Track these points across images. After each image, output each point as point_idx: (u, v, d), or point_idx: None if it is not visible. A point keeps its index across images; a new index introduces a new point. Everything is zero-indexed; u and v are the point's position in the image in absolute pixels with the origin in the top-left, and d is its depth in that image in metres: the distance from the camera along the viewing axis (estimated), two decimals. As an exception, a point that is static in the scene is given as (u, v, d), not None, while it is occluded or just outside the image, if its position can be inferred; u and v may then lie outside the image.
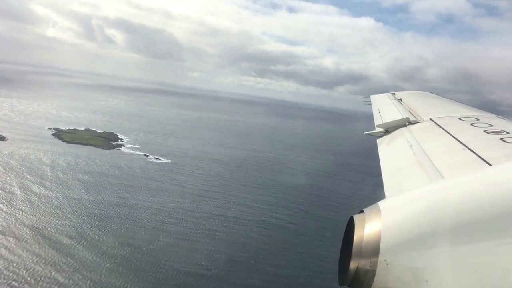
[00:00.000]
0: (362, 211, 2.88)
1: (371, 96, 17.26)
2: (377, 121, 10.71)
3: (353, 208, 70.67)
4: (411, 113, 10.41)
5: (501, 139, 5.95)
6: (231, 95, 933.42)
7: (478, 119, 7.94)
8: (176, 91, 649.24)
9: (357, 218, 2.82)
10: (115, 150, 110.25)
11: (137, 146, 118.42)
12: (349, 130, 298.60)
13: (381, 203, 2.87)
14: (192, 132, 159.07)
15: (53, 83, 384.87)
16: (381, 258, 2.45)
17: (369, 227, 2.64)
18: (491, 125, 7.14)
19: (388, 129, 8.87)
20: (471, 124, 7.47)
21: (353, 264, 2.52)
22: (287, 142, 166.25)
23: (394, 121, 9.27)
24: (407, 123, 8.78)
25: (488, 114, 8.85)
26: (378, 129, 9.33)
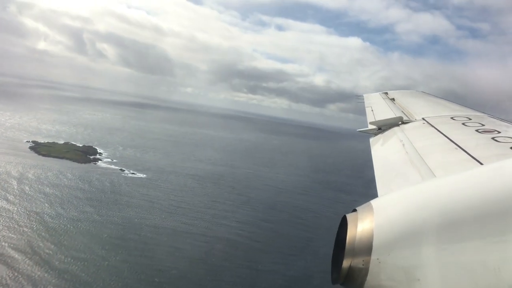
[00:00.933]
0: (355, 210, 2.87)
1: (364, 95, 17.22)
2: (370, 119, 10.74)
3: (320, 226, 70.27)
4: (403, 113, 10.42)
5: (493, 138, 5.92)
6: (223, 110, 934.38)
7: (470, 119, 7.95)
8: (167, 106, 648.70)
9: (350, 216, 2.82)
10: (91, 164, 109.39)
11: (114, 160, 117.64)
12: (335, 148, 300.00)
13: (373, 202, 2.87)
14: (174, 147, 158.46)
15: (41, 95, 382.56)
16: (373, 256, 2.44)
17: (361, 226, 2.64)
18: (483, 125, 7.15)
19: (381, 127, 8.91)
20: (463, 124, 7.49)
21: (346, 263, 2.51)
22: (269, 159, 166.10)
23: (387, 119, 9.35)
24: (400, 122, 8.82)
25: (480, 113, 8.81)
26: (371, 127, 9.38)
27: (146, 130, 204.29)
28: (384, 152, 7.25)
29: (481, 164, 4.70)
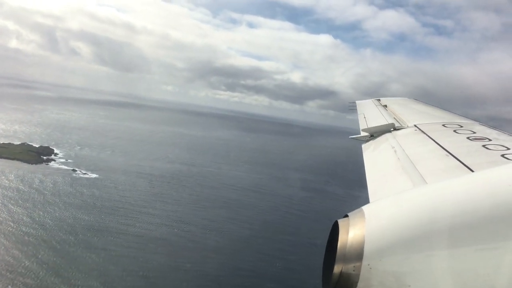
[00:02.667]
0: (346, 216, 2.79)
1: (356, 101, 17.34)
2: (362, 125, 10.76)
3: (264, 223, 69.95)
4: (395, 119, 10.45)
5: (483, 146, 5.95)
6: (202, 108, 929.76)
7: (461, 126, 8.00)
8: (145, 104, 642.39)
9: (341, 222, 2.74)
10: (43, 165, 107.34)
11: (69, 160, 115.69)
12: (307, 145, 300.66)
13: (365, 208, 2.80)
14: (136, 146, 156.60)
15: (12, 95, 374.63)
16: (364, 262, 2.42)
17: (353, 232, 2.58)
18: (474, 132, 7.19)
19: (373, 134, 8.92)
20: (454, 131, 7.53)
21: (336, 268, 2.49)
22: (235, 157, 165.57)
23: (379, 126, 9.35)
24: (392, 129, 8.84)
25: (471, 121, 8.87)
26: (363, 133, 9.41)
27: (112, 129, 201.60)
28: (376, 158, 7.27)
29: (472, 171, 4.74)
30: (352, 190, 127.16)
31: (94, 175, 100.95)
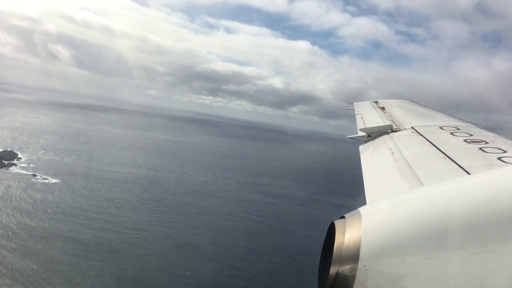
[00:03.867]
0: (343, 217, 2.82)
1: (354, 103, 17.35)
2: (360, 125, 10.82)
3: (217, 228, 69.39)
4: (393, 121, 10.47)
5: (480, 148, 5.93)
6: (185, 113, 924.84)
7: (458, 129, 7.99)
8: (126, 109, 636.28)
9: (338, 223, 2.77)
10: (2, 169, 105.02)
11: (31, 165, 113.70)
12: (287, 151, 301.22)
13: (362, 209, 2.83)
14: (105, 150, 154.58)
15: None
16: (360, 264, 2.44)
17: (349, 233, 2.61)
18: (471, 135, 7.17)
19: (371, 134, 9.00)
20: (451, 133, 7.55)
21: (333, 270, 2.51)
22: (208, 163, 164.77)
23: (377, 126, 9.45)
24: (390, 131, 8.85)
25: (468, 124, 8.85)
26: (360, 133, 9.51)
27: (83, 133, 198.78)
28: (373, 160, 7.29)
29: (469, 174, 4.73)
30: (319, 196, 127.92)
31: (53, 180, 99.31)
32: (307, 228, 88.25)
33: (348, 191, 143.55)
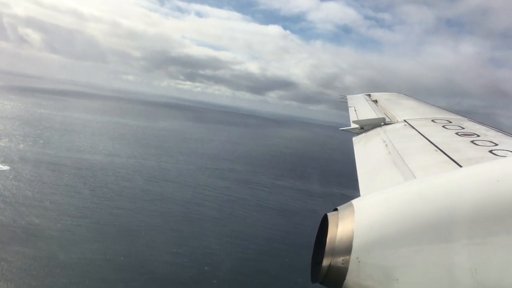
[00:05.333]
0: (336, 209, 2.86)
1: (347, 96, 17.37)
2: (353, 118, 10.89)
3: (153, 214, 68.50)
4: (386, 114, 10.48)
5: (472, 141, 5.96)
6: (163, 98, 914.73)
7: (450, 122, 8.05)
8: (101, 94, 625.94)
9: (331, 216, 2.80)
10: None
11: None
12: (259, 135, 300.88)
13: (355, 202, 2.86)
14: (65, 136, 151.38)
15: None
16: (353, 256, 2.47)
17: (342, 225, 2.64)
18: (463, 128, 7.26)
19: (364, 126, 9.05)
20: (443, 126, 7.60)
21: (325, 262, 2.54)
22: (173, 148, 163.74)
23: (370, 119, 9.51)
24: (382, 123, 8.90)
25: (460, 117, 8.88)
26: (353, 125, 9.58)
27: (46, 119, 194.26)
28: (366, 152, 7.30)
29: (460, 166, 4.76)
30: (280, 181, 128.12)
31: (2, 167, 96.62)
32: (259, 213, 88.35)
33: (312, 175, 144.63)
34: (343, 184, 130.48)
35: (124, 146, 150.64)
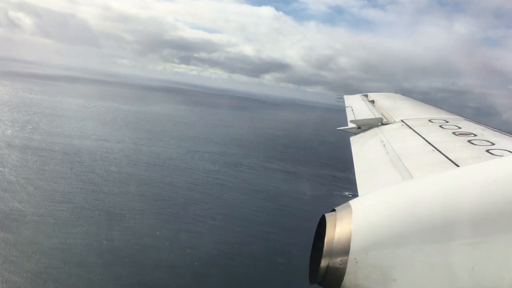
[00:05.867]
0: (334, 210, 2.88)
1: (344, 96, 17.49)
2: (350, 117, 10.98)
3: (143, 197, 68.09)
4: (383, 114, 10.54)
5: (469, 141, 5.98)
6: (158, 82, 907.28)
7: (447, 121, 8.11)
8: (95, 79, 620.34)
9: (328, 216, 2.79)
10: None
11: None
12: (254, 118, 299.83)
13: (352, 202, 2.87)
14: (55, 121, 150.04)
15: None
16: (351, 256, 2.48)
17: (340, 226, 2.63)
18: (459, 127, 7.30)
19: (361, 126, 9.10)
20: (440, 126, 7.68)
21: (323, 262, 2.55)
22: (164, 132, 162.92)
23: (367, 119, 9.65)
24: (380, 123, 8.98)
25: (456, 116, 8.94)
26: (351, 125, 9.63)
27: (37, 104, 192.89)
28: (364, 152, 7.31)
29: (458, 166, 4.76)
30: (270, 163, 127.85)
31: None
32: (245, 195, 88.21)
33: (303, 157, 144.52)
34: (334, 166, 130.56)
35: (114, 130, 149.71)
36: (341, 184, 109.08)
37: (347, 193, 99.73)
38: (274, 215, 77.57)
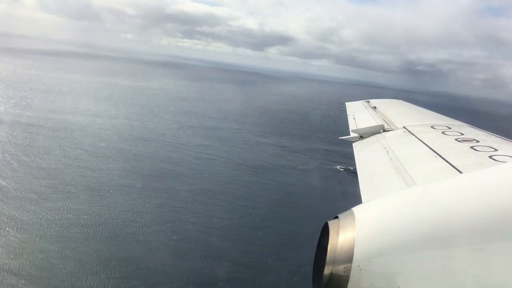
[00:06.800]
0: (337, 217, 2.85)
1: (346, 103, 17.41)
2: (352, 127, 10.79)
3: (127, 172, 67.93)
4: (385, 121, 10.54)
5: (472, 147, 5.94)
6: (162, 57, 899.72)
7: (450, 128, 8.07)
8: (98, 54, 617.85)
9: (331, 224, 2.78)
10: None
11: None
12: (254, 93, 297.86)
13: (355, 209, 2.85)
14: (50, 97, 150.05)
15: None
16: (354, 264, 2.47)
17: (343, 233, 2.63)
18: (462, 134, 7.25)
19: (363, 135, 9.03)
20: (443, 132, 7.62)
21: (327, 270, 2.55)
22: (161, 108, 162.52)
23: (369, 127, 9.45)
24: (382, 130, 8.92)
25: (459, 122, 8.94)
26: (353, 135, 9.51)
27: (34, 80, 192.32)
28: (367, 159, 7.32)
29: (461, 172, 4.72)
30: (264, 138, 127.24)
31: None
32: (232, 170, 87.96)
33: (299, 131, 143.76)
34: (329, 140, 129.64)
35: (109, 106, 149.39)
36: (332, 157, 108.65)
37: (338, 167, 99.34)
38: (259, 189, 77.45)
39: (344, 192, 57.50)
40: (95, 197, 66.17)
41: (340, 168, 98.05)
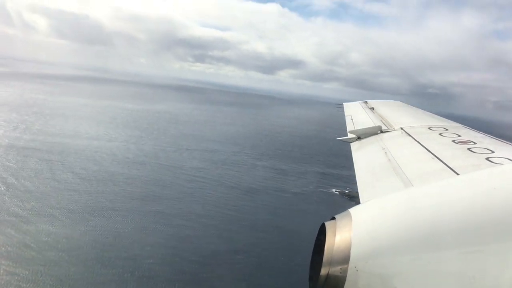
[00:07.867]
0: (333, 218, 2.88)
1: (344, 104, 17.54)
2: (350, 127, 10.88)
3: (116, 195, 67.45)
4: (382, 122, 10.60)
5: (469, 149, 5.96)
6: (174, 81, 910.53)
7: (447, 129, 8.11)
8: (109, 78, 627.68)
9: (328, 225, 2.80)
10: None
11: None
12: (260, 116, 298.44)
13: (352, 210, 2.87)
14: (51, 122, 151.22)
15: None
16: (351, 265, 2.47)
17: (340, 234, 2.63)
18: (459, 135, 7.28)
19: (360, 136, 9.05)
20: (440, 134, 7.67)
21: (323, 271, 2.55)
22: (162, 131, 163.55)
23: (366, 128, 9.49)
24: (379, 131, 8.97)
25: (456, 124, 9.02)
26: (350, 135, 9.55)
27: (39, 104, 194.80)
28: (365, 160, 7.28)
29: (458, 174, 4.71)
30: (261, 161, 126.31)
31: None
32: (221, 193, 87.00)
33: (298, 154, 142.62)
34: (327, 163, 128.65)
35: (109, 129, 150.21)
36: (328, 180, 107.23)
37: (334, 190, 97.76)
38: (246, 213, 76.25)
39: (335, 214, 56.21)
40: (78, 221, 65.59)
41: (336, 191, 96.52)
